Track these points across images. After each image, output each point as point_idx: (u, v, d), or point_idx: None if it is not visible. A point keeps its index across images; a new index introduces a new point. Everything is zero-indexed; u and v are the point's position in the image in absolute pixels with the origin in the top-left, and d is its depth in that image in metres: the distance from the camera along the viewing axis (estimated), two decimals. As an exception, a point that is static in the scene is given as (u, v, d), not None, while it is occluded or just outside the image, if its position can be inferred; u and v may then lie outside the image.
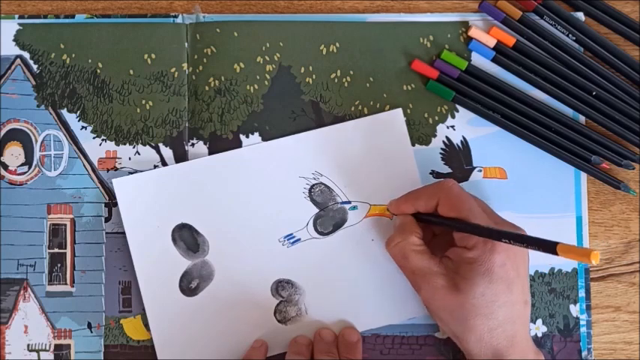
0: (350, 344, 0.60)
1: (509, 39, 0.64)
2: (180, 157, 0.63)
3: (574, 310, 0.64)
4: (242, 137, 0.63)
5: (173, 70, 0.63)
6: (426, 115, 0.64)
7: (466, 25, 0.65)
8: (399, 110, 0.63)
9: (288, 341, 0.61)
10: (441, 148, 0.64)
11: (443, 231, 0.60)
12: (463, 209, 0.56)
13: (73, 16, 0.64)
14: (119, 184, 0.62)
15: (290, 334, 0.62)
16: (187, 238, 0.62)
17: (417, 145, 0.64)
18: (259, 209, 0.62)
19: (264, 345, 0.61)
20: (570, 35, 0.64)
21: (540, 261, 0.63)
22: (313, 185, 0.63)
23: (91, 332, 0.62)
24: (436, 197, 0.57)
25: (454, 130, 0.64)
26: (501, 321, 0.54)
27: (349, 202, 0.63)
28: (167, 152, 0.63)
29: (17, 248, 0.62)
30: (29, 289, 0.62)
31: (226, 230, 0.62)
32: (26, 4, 0.64)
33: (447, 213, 0.56)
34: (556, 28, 0.64)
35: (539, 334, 0.63)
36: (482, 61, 0.65)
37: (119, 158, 0.63)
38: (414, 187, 0.62)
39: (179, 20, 0.64)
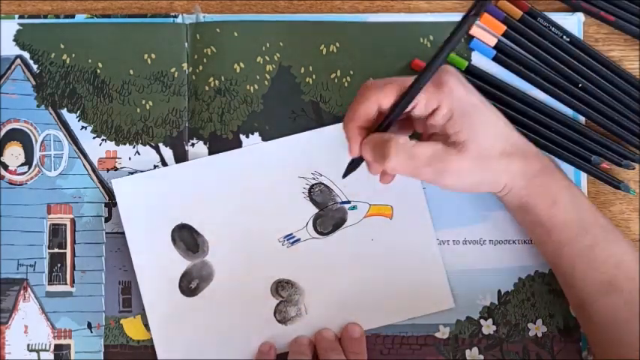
0: (354, 340, 0.60)
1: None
2: (180, 157, 0.63)
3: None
4: (242, 137, 0.63)
5: (173, 70, 0.63)
6: (426, 115, 0.64)
7: (466, 25, 0.65)
8: (398, 109, 0.64)
9: (288, 341, 0.61)
10: (441, 148, 0.64)
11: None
12: (479, 130, 0.55)
13: (73, 16, 0.64)
14: (118, 185, 0.62)
15: (290, 334, 0.62)
16: (187, 238, 0.62)
17: (417, 145, 0.64)
18: (259, 209, 0.62)
19: (272, 347, 0.61)
20: (564, 37, 0.64)
21: (541, 261, 0.63)
22: (313, 185, 0.63)
23: (91, 332, 0.62)
24: (437, 100, 0.55)
25: (454, 130, 0.64)
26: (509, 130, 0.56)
27: (349, 202, 0.63)
28: (167, 152, 0.63)
29: (17, 248, 0.62)
30: (29, 289, 0.62)
31: (226, 230, 0.62)
32: (26, 4, 0.65)
33: (454, 127, 0.55)
34: (550, 30, 0.64)
35: (539, 334, 0.63)
36: (482, 61, 0.65)
37: (119, 158, 0.63)
38: (412, 186, 0.62)
39: (179, 20, 0.64)
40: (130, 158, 0.63)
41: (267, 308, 0.62)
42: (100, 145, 0.63)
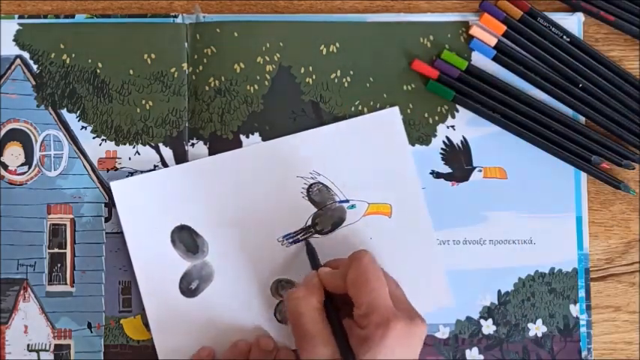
0: (267, 353, 0.60)
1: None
2: (180, 157, 0.63)
3: (574, 310, 0.64)
4: (242, 137, 0.63)
5: (173, 70, 0.63)
6: (426, 115, 0.64)
7: (466, 25, 0.65)
8: (396, 108, 0.64)
9: (288, 341, 0.61)
10: (441, 148, 0.64)
11: (341, 293, 0.56)
12: (364, 291, 0.53)
13: (73, 16, 0.64)
14: (117, 187, 0.62)
15: (290, 334, 0.61)
16: (186, 239, 0.62)
17: (417, 145, 0.64)
18: (258, 209, 0.62)
19: (211, 352, 0.61)
20: (564, 37, 0.64)
21: (541, 261, 0.63)
22: (311, 185, 0.63)
23: (91, 332, 0.62)
24: (346, 269, 0.55)
25: (454, 130, 0.64)
26: None
27: (347, 201, 0.63)
28: (167, 152, 0.63)
29: (17, 248, 0.62)
30: (29, 289, 0.62)
31: (225, 231, 0.62)
32: (26, 4, 0.64)
33: (349, 289, 0.54)
34: (550, 30, 0.64)
35: (539, 334, 0.63)
36: (482, 61, 0.65)
37: (119, 158, 0.63)
38: (411, 185, 0.62)
39: (179, 20, 0.64)
40: (129, 158, 0.63)
41: (267, 308, 0.62)
42: (100, 145, 0.63)
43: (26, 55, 0.63)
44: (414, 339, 0.53)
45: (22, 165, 0.63)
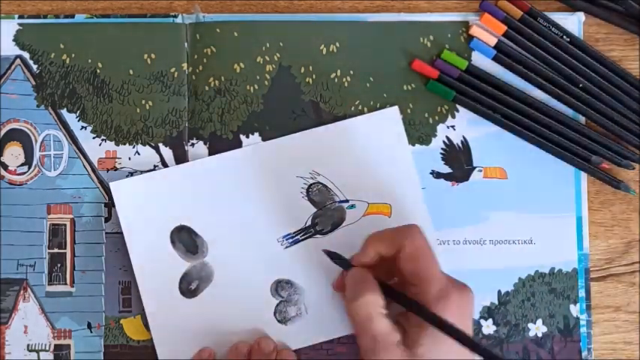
0: (267, 354, 0.60)
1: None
2: (180, 157, 0.63)
3: (574, 310, 0.64)
4: (242, 137, 0.63)
5: (173, 70, 0.63)
6: (426, 115, 0.64)
7: (466, 25, 0.65)
8: (395, 108, 0.63)
9: (288, 341, 0.61)
10: (442, 148, 0.64)
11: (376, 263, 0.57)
12: (422, 265, 0.54)
13: (73, 16, 0.64)
14: (116, 187, 0.62)
15: (290, 334, 0.62)
16: (186, 240, 0.62)
17: (417, 145, 0.64)
18: (258, 209, 0.62)
19: (211, 354, 0.61)
20: (565, 37, 0.64)
21: (541, 261, 0.63)
22: (311, 185, 0.63)
23: (91, 332, 0.62)
24: (399, 243, 0.55)
25: (454, 130, 0.64)
26: None
27: (347, 201, 0.63)
28: (167, 152, 0.63)
29: (17, 248, 0.62)
30: (29, 289, 0.62)
31: (225, 231, 0.62)
32: (26, 4, 0.64)
33: (405, 263, 0.54)
34: (550, 30, 0.64)
35: (539, 334, 0.63)
36: (482, 61, 0.65)
37: (119, 158, 0.63)
38: (411, 185, 0.62)
39: (179, 20, 0.64)
40: (129, 158, 0.63)
41: (267, 308, 0.62)
42: (100, 145, 0.63)
43: (26, 55, 0.63)
44: (469, 307, 0.55)
45: (22, 165, 0.63)
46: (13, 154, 0.63)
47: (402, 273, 0.55)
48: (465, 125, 0.64)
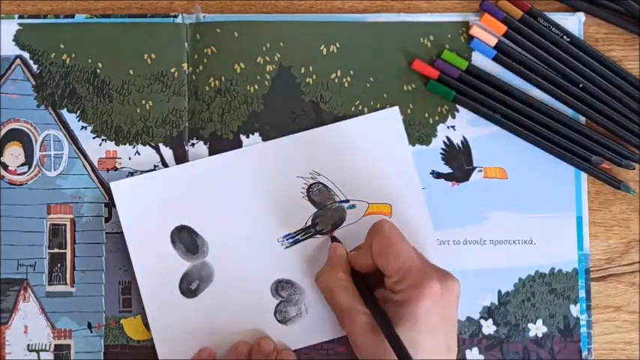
0: (267, 355, 0.60)
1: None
2: (181, 157, 0.63)
3: (574, 310, 0.64)
4: (242, 137, 0.63)
5: (173, 70, 0.63)
6: (426, 115, 0.64)
7: (466, 25, 0.65)
8: (396, 108, 0.64)
9: (288, 341, 0.61)
10: (442, 148, 0.64)
11: (372, 270, 0.57)
12: (392, 255, 0.54)
13: (73, 16, 0.64)
14: (116, 187, 0.62)
15: (290, 334, 0.62)
16: (186, 239, 0.62)
17: (417, 145, 0.64)
18: (258, 209, 0.62)
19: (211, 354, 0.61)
20: (565, 37, 0.64)
21: (541, 261, 0.63)
22: (311, 185, 0.63)
23: (91, 332, 0.62)
24: (369, 244, 0.56)
25: (454, 130, 0.64)
26: None
27: (347, 201, 0.63)
28: (167, 152, 0.63)
29: (17, 248, 0.62)
30: (29, 289, 0.62)
31: (225, 231, 0.62)
32: (26, 4, 0.64)
33: (377, 259, 0.55)
34: (550, 30, 0.64)
35: (539, 334, 0.63)
36: (482, 61, 0.65)
37: (119, 158, 0.63)
38: (411, 185, 0.62)
39: (179, 20, 0.64)
40: (129, 158, 0.63)
41: (267, 308, 0.62)
42: (100, 145, 0.63)
43: (26, 55, 0.63)
44: (449, 297, 0.54)
45: (22, 165, 0.63)
46: (13, 154, 0.63)
47: (380, 269, 0.56)
48: (465, 125, 0.64)
